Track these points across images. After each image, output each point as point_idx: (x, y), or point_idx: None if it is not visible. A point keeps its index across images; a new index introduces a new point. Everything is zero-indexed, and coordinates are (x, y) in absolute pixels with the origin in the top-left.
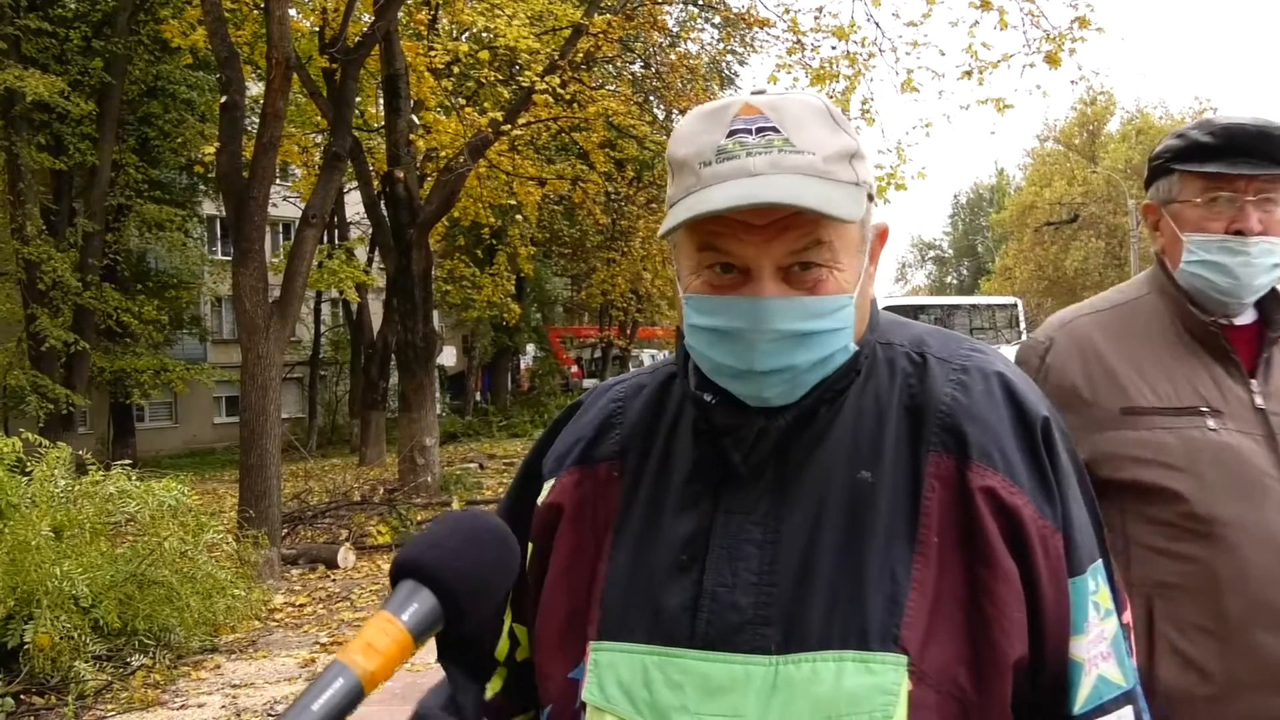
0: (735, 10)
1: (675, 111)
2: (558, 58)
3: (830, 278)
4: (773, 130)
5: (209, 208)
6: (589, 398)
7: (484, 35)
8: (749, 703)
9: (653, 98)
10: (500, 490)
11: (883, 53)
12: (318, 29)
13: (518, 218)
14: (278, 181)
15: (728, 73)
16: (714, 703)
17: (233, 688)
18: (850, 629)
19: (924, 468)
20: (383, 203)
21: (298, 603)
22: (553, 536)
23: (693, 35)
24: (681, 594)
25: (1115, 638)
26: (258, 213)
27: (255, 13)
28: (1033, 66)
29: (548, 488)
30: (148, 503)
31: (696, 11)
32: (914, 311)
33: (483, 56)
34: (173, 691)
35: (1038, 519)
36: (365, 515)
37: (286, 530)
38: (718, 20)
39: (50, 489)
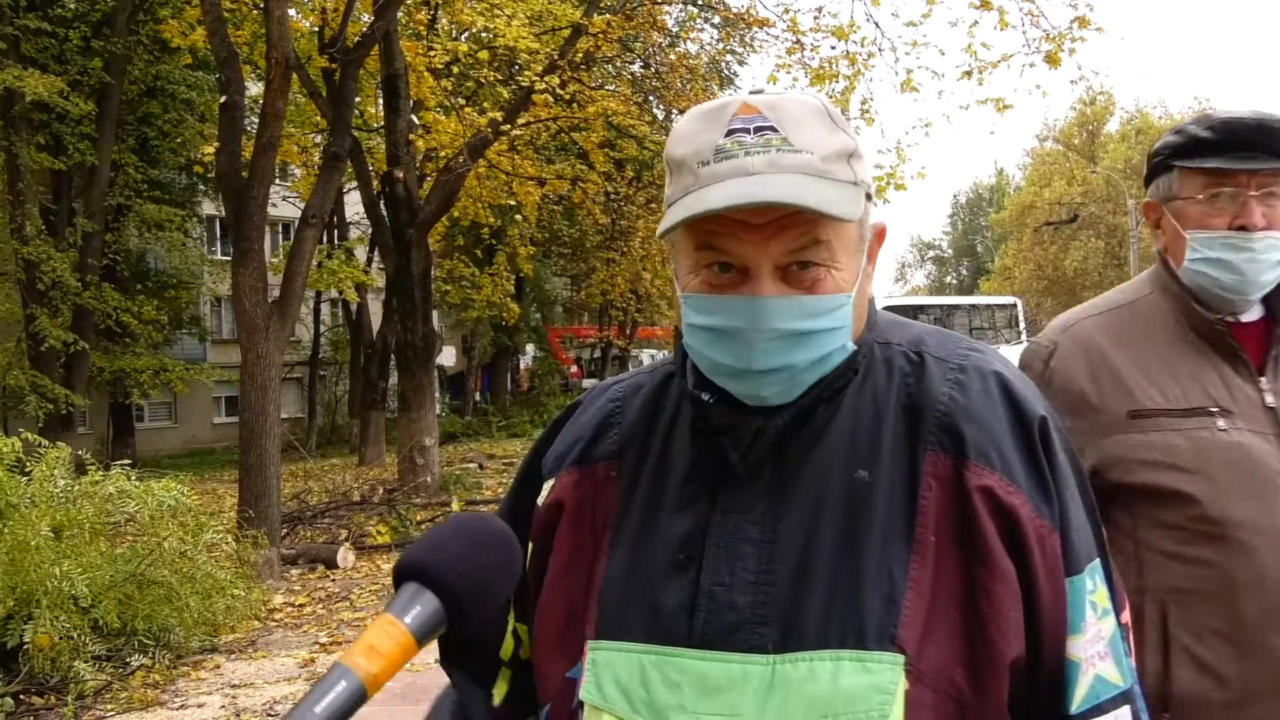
0: (735, 10)
1: (675, 111)
2: (557, 58)
3: (828, 277)
4: (771, 130)
5: (208, 208)
6: (588, 397)
7: (483, 35)
8: (746, 702)
9: (652, 98)
10: (500, 490)
11: (882, 53)
12: (317, 29)
13: (517, 218)
14: (277, 181)
15: (727, 73)
16: (711, 702)
17: (232, 688)
18: (847, 628)
19: (921, 467)
20: (382, 203)
21: (297, 603)
22: (552, 536)
23: (692, 35)
24: (679, 593)
25: (1113, 637)
26: (257, 213)
27: (255, 13)
28: (1032, 66)
29: (547, 488)
30: (147, 503)
31: (696, 11)
32: (913, 311)
33: (482, 56)
34: (172, 691)
35: (1035, 518)
36: (365, 515)
37: (286, 530)
38: (717, 20)
39: (50, 489)
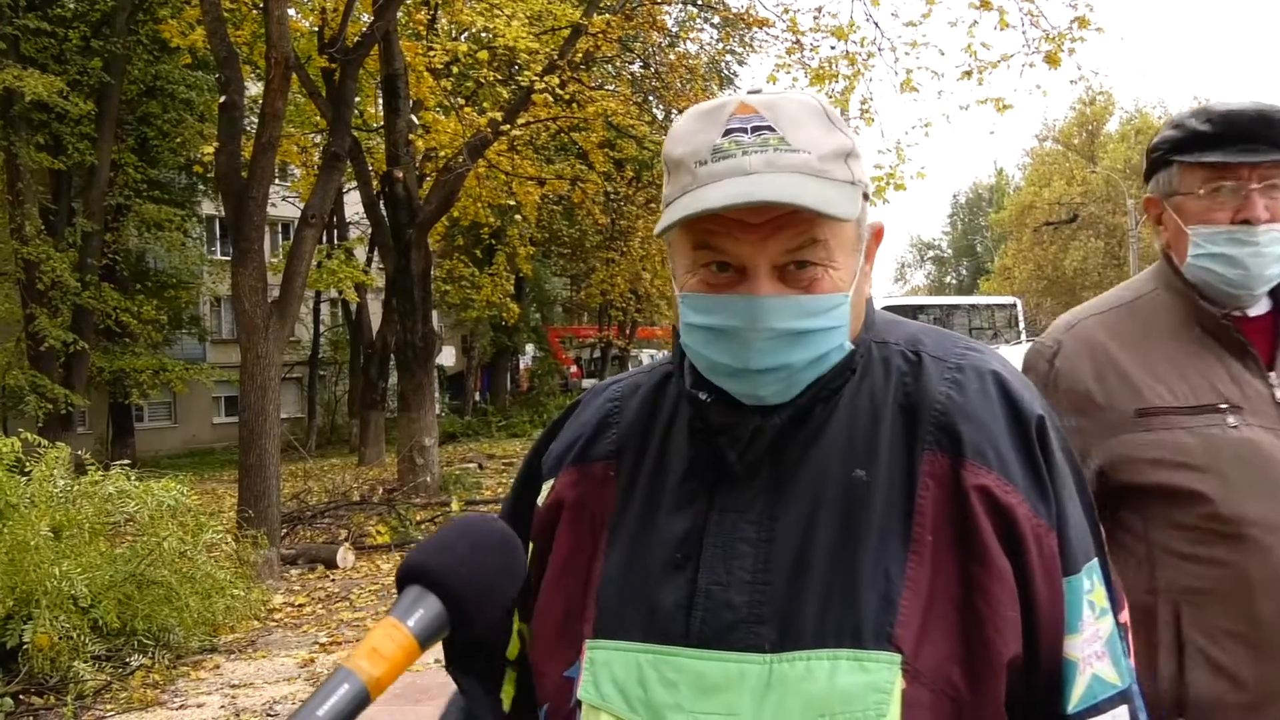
0: (734, 10)
1: (675, 111)
2: (557, 58)
3: (825, 276)
4: (768, 129)
5: (208, 207)
6: (587, 397)
7: (483, 35)
8: (743, 701)
9: (652, 98)
10: (499, 490)
11: (882, 53)
12: (317, 29)
13: (517, 218)
14: (277, 181)
15: (727, 73)
16: (708, 701)
17: (232, 688)
18: (844, 627)
19: (919, 466)
20: (382, 203)
21: (297, 603)
22: (552, 536)
23: (692, 35)
24: (676, 592)
25: (1111, 637)
26: (257, 212)
27: (254, 12)
28: (1032, 66)
29: (547, 488)
30: (147, 503)
31: (696, 11)
32: (913, 311)
33: (482, 56)
34: (172, 691)
35: (1032, 517)
36: (364, 515)
37: (286, 530)
38: (717, 20)
39: (49, 489)
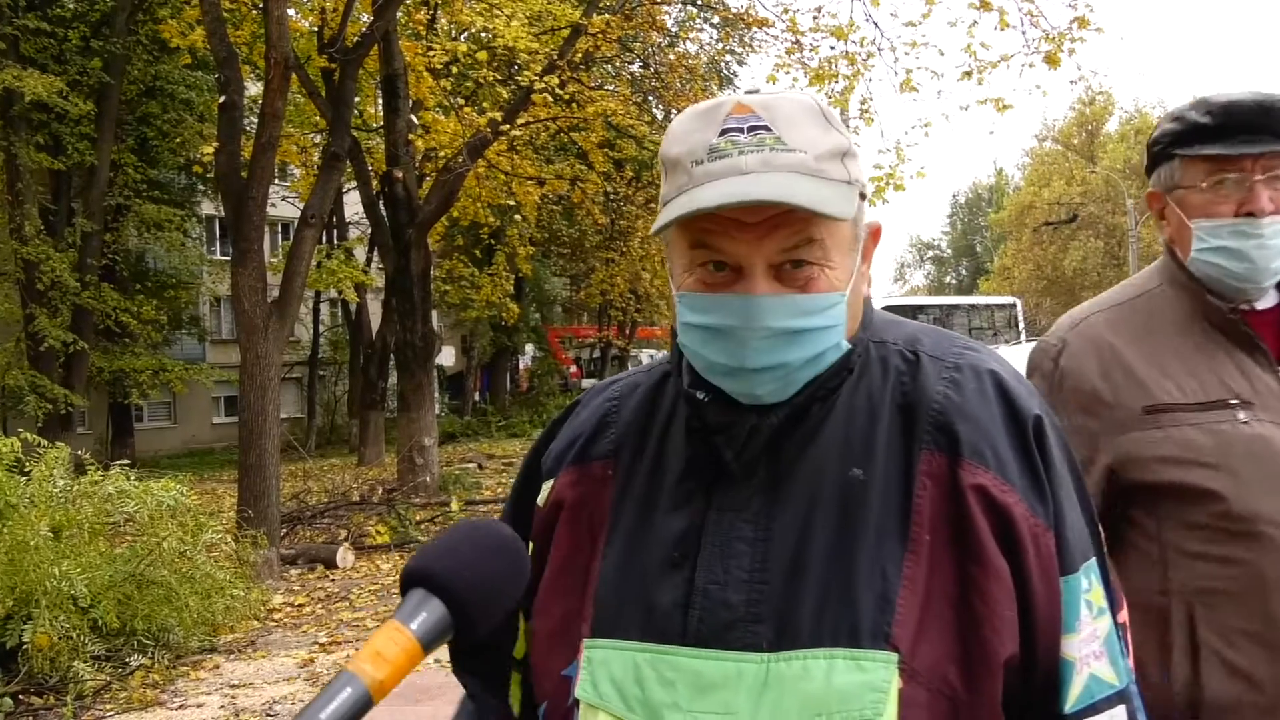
0: (734, 10)
1: (674, 111)
2: (556, 58)
3: (822, 276)
4: (764, 129)
5: (208, 208)
6: (586, 397)
7: (483, 35)
8: (740, 700)
9: (651, 98)
10: (499, 490)
11: (881, 53)
12: (316, 29)
13: (516, 218)
14: (276, 181)
15: (726, 73)
16: (705, 700)
17: (231, 688)
18: (841, 627)
19: (916, 465)
20: (381, 202)
21: (296, 603)
22: (551, 536)
23: (691, 35)
24: (673, 591)
25: (1109, 636)
26: (256, 213)
27: (254, 13)
28: (1032, 67)
29: (547, 488)
30: (146, 503)
31: (695, 11)
32: (912, 311)
33: (481, 56)
34: (171, 691)
35: (1029, 517)
36: (364, 515)
37: (285, 530)
38: (716, 20)
39: (49, 489)
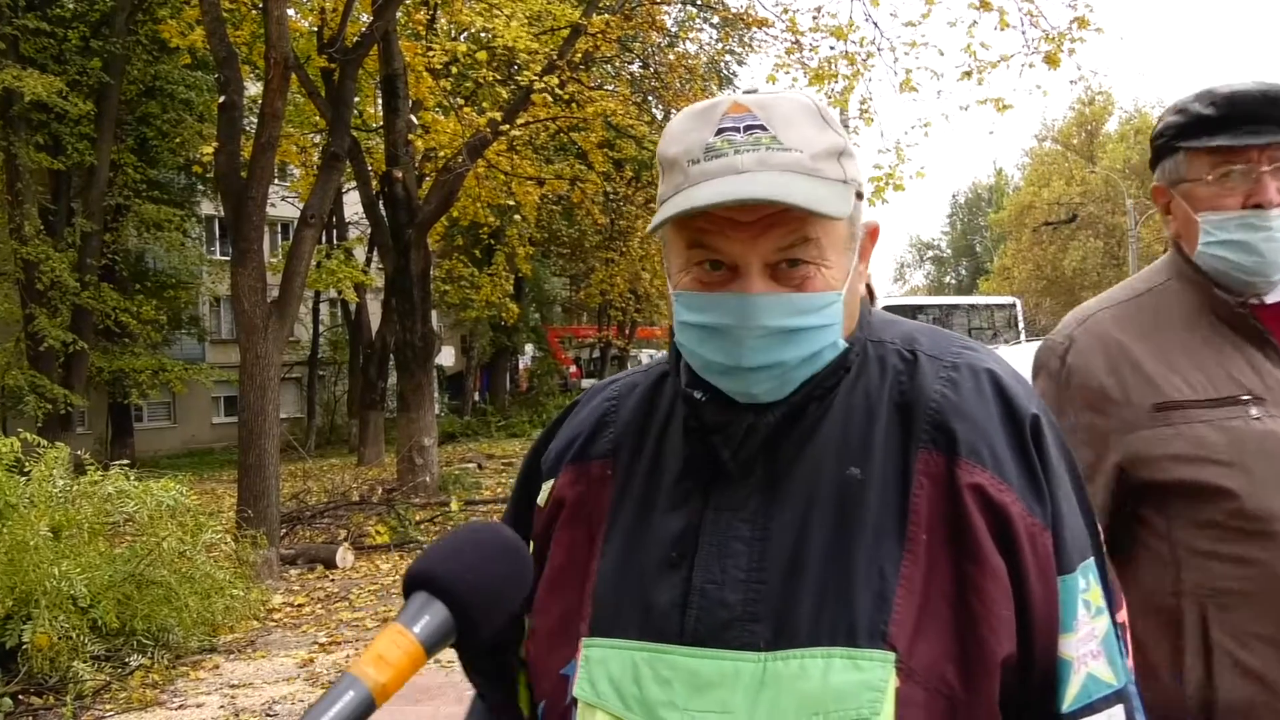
0: (734, 10)
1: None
2: (556, 58)
3: (818, 275)
4: (760, 128)
5: (207, 208)
6: (585, 397)
7: (482, 35)
8: (737, 699)
9: (651, 98)
10: (499, 490)
11: (881, 53)
12: (316, 29)
13: (516, 218)
14: (276, 181)
15: (726, 73)
16: (702, 699)
17: (231, 688)
18: (838, 626)
19: (913, 465)
20: (381, 203)
21: (296, 603)
22: (551, 535)
23: (691, 35)
24: (671, 591)
25: (1107, 636)
26: (256, 213)
27: (253, 13)
28: (1032, 67)
29: (547, 488)
30: (146, 503)
31: (695, 11)
32: (912, 311)
33: (481, 56)
34: (171, 691)
35: (1026, 516)
36: (364, 515)
37: (285, 530)
38: (716, 20)
39: (48, 489)
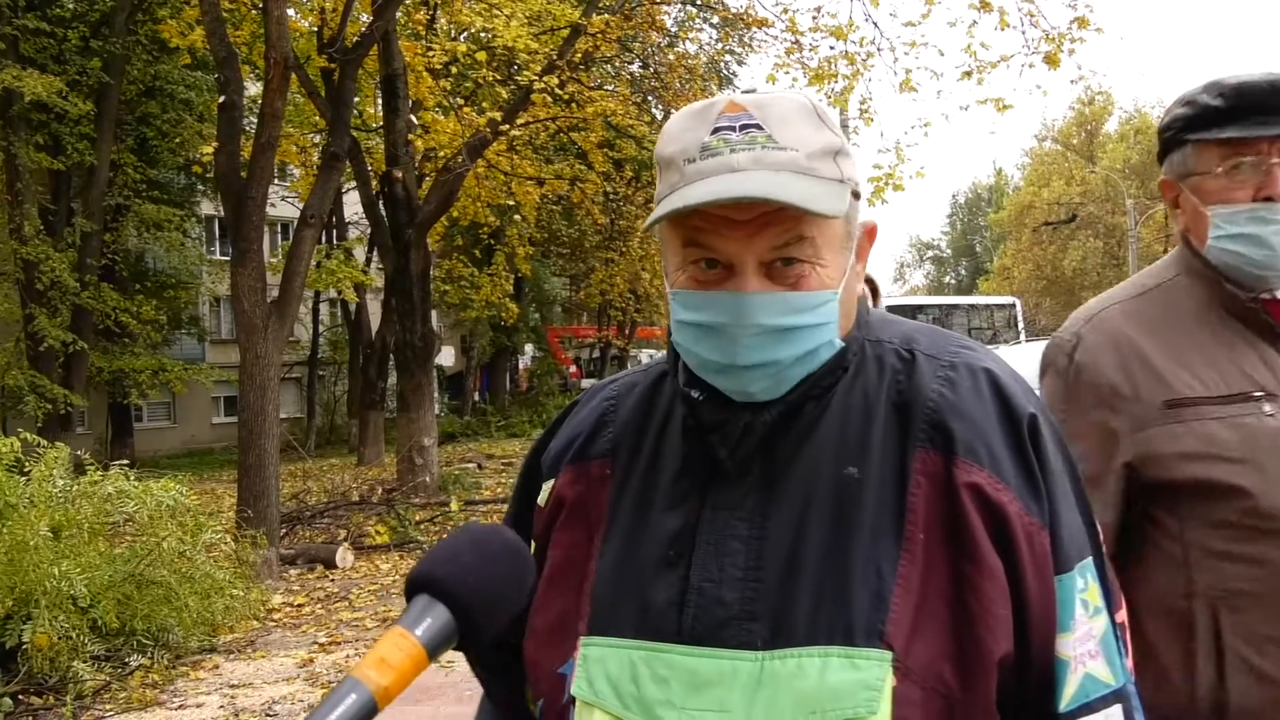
0: (733, 10)
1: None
2: (556, 58)
3: (813, 273)
4: (756, 127)
5: (207, 208)
6: (584, 397)
7: (482, 35)
8: (734, 697)
9: (651, 98)
10: (499, 490)
11: (881, 53)
12: (316, 29)
13: (516, 218)
14: (276, 181)
15: (726, 73)
16: (700, 697)
17: (231, 688)
18: (836, 625)
19: (911, 464)
20: (381, 203)
21: (296, 603)
22: (552, 534)
23: (691, 35)
24: (668, 589)
25: (1105, 636)
26: (256, 213)
27: (253, 13)
28: (1032, 67)
29: (547, 488)
30: (146, 503)
31: (695, 11)
32: (912, 311)
33: (481, 57)
34: (171, 691)
35: (1023, 515)
36: (364, 515)
37: (285, 530)
38: (716, 20)
39: (48, 489)
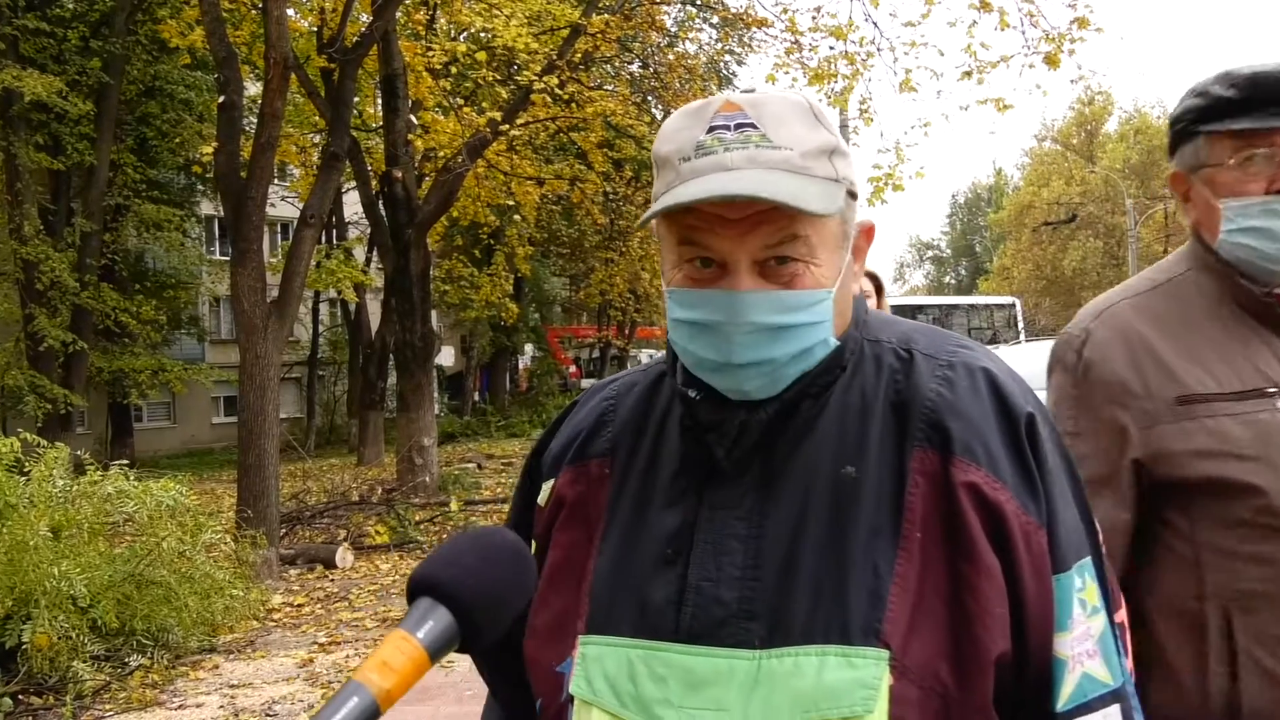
0: (733, 10)
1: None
2: (556, 58)
3: (807, 272)
4: (751, 126)
5: (207, 208)
6: (584, 397)
7: (482, 35)
8: (731, 696)
9: (651, 98)
10: (498, 490)
11: (881, 53)
12: (316, 29)
13: (516, 217)
14: (276, 181)
15: (726, 73)
16: (697, 696)
17: (231, 688)
18: (833, 623)
19: (908, 463)
20: (381, 203)
21: (296, 603)
22: (552, 534)
23: (691, 35)
24: (666, 588)
25: (1103, 635)
26: (256, 213)
27: (253, 13)
28: (1032, 67)
29: (547, 488)
30: (146, 503)
31: (695, 11)
32: (912, 311)
33: (480, 57)
34: (171, 691)
35: (1020, 514)
36: (363, 515)
37: (285, 530)
38: (716, 20)
39: (48, 489)
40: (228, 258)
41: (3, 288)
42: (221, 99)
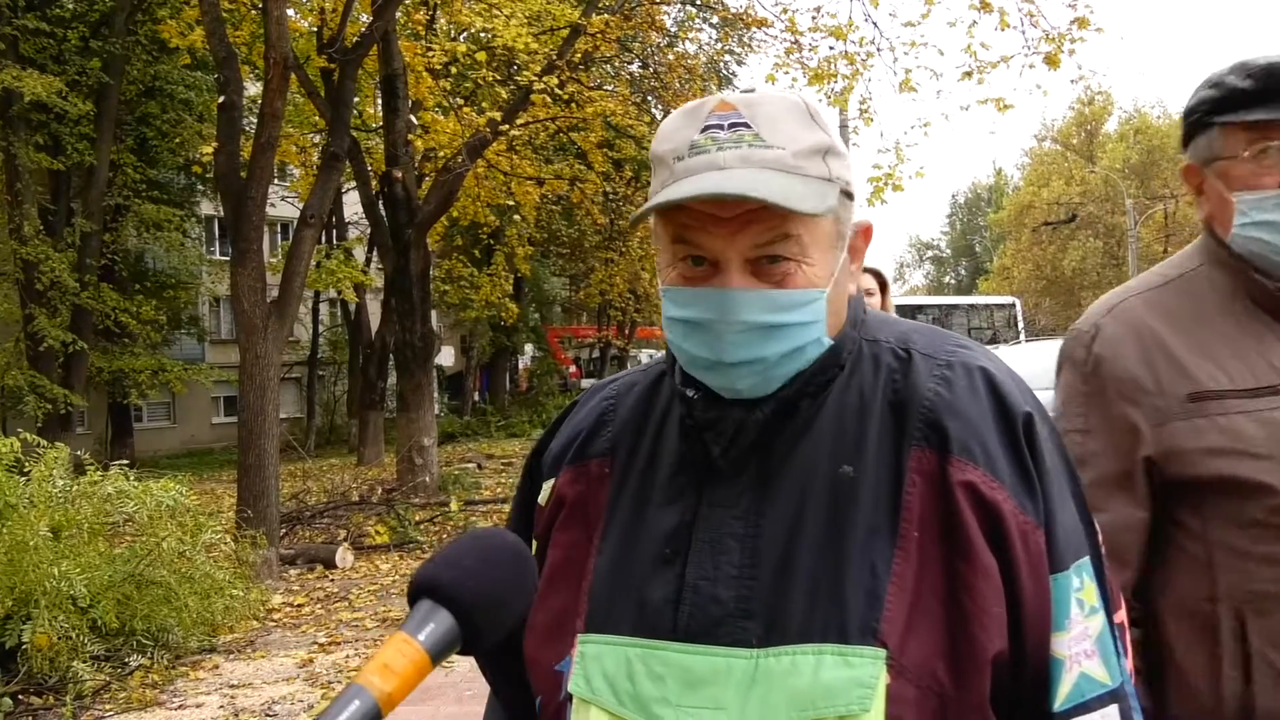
0: (733, 10)
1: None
2: (555, 58)
3: (799, 271)
4: (744, 126)
5: (207, 208)
6: (584, 396)
7: (482, 35)
8: (729, 695)
9: (651, 98)
10: (498, 490)
11: (881, 53)
12: (316, 29)
13: (516, 218)
14: (276, 181)
15: (725, 73)
16: (695, 695)
17: (231, 688)
18: (830, 622)
19: (906, 462)
20: (381, 203)
21: (296, 603)
22: (552, 534)
23: (691, 35)
24: (664, 587)
25: (1101, 635)
26: (256, 213)
27: (253, 13)
28: (1032, 67)
29: (548, 487)
30: (146, 503)
31: (694, 11)
32: (912, 311)
33: (480, 57)
34: (171, 692)
35: (1018, 514)
36: (363, 515)
37: (285, 530)
38: (716, 20)
39: (48, 489)
40: (228, 258)
41: (3, 288)
42: (221, 99)
